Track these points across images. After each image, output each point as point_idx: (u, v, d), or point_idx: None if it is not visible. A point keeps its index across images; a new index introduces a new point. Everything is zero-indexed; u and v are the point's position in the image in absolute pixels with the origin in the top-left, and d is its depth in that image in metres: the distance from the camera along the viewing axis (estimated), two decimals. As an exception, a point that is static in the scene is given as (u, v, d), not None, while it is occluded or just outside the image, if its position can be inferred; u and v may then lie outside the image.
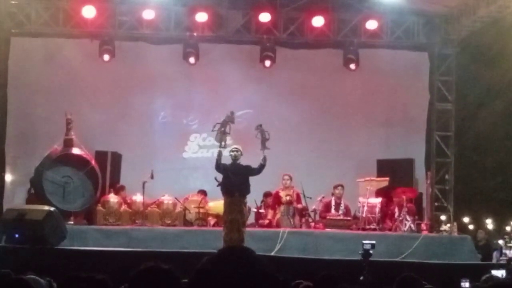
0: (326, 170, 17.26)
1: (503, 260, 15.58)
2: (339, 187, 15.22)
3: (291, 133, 17.73)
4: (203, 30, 17.36)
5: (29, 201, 14.99)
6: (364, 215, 14.92)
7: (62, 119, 14.97)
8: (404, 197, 15.04)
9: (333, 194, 15.24)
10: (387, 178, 15.82)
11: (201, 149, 17.96)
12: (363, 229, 14.70)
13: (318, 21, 17.33)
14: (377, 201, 15.14)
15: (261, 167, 13.13)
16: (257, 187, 14.08)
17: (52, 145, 14.98)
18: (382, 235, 14.19)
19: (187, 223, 14.84)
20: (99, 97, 17.56)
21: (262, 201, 15.45)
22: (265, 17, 17.24)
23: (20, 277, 5.26)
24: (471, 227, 23.00)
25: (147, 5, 16.96)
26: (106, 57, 17.16)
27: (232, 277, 2.26)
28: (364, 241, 11.63)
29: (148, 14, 16.98)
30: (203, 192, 15.45)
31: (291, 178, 14.93)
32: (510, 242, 18.35)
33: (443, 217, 17.49)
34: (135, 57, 17.68)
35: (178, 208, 14.90)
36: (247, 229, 13.47)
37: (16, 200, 16.46)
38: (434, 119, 18.13)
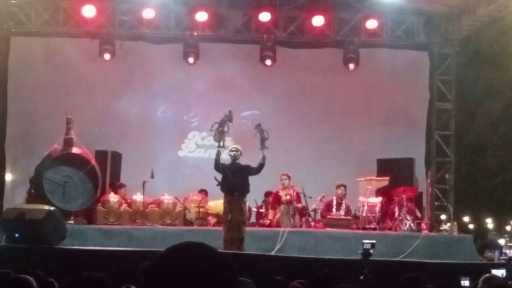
0: (326, 170, 17.26)
1: (503, 260, 15.59)
2: (341, 187, 15.20)
3: (291, 132, 17.72)
4: (203, 29, 17.35)
5: (29, 200, 14.94)
6: (364, 215, 14.90)
7: (62, 119, 14.94)
8: (404, 196, 15.01)
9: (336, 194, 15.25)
10: (387, 178, 15.80)
11: (198, 149, 17.92)
12: (363, 228, 14.68)
13: (318, 21, 17.32)
14: (377, 200, 15.12)
15: (261, 166, 13.11)
16: (257, 186, 14.06)
17: (52, 145, 14.95)
18: (382, 235, 14.18)
19: (187, 222, 14.80)
20: (99, 97, 17.55)
21: (263, 201, 15.41)
22: (265, 16, 17.24)
23: (20, 276, 5.26)
24: (471, 226, 23.02)
25: (147, 4, 16.95)
26: (107, 56, 17.17)
27: (186, 271, 2.19)
28: (364, 241, 11.60)
29: (148, 14, 16.97)
30: (203, 192, 15.42)
31: (289, 178, 14.88)
32: (510, 242, 18.38)
33: (443, 217, 17.50)
34: (135, 57, 17.68)
35: (178, 208, 14.88)
36: (247, 228, 13.47)
37: (16, 199, 16.43)
38: (434, 118, 18.11)
